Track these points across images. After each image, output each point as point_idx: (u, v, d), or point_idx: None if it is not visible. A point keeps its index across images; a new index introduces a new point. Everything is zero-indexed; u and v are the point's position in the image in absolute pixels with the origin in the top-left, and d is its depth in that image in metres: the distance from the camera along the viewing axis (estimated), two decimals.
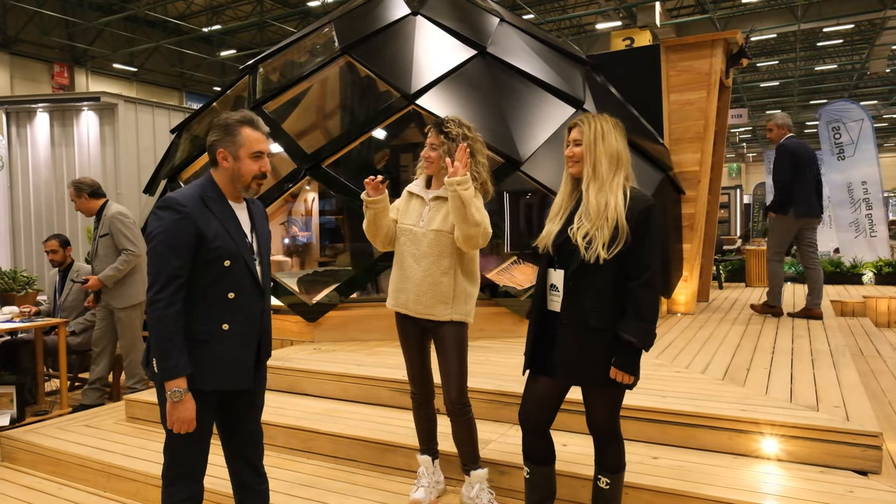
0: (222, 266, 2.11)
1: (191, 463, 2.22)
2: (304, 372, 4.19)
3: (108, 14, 20.00)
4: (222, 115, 2.20)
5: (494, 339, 4.90)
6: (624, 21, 19.07)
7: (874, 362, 5.13)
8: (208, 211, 2.12)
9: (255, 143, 2.17)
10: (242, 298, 2.16)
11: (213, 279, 2.11)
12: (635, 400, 3.14)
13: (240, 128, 2.16)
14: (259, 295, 2.23)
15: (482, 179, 2.69)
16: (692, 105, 6.34)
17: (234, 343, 2.15)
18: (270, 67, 6.17)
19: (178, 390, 2.04)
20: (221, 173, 2.19)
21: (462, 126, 2.71)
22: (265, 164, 2.20)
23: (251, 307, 2.20)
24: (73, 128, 8.43)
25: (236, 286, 2.14)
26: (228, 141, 2.15)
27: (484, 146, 2.78)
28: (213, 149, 2.17)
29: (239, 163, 2.16)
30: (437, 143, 2.69)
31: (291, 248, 8.44)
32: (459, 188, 2.49)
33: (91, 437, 3.89)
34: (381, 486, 3.13)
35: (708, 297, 7.42)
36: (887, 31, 19.38)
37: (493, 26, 5.81)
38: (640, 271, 2.18)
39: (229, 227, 2.15)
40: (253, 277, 2.19)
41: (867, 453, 2.76)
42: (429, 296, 2.67)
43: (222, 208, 2.17)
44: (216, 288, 2.11)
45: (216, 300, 2.12)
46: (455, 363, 2.70)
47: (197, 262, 2.08)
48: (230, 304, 2.13)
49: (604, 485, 2.37)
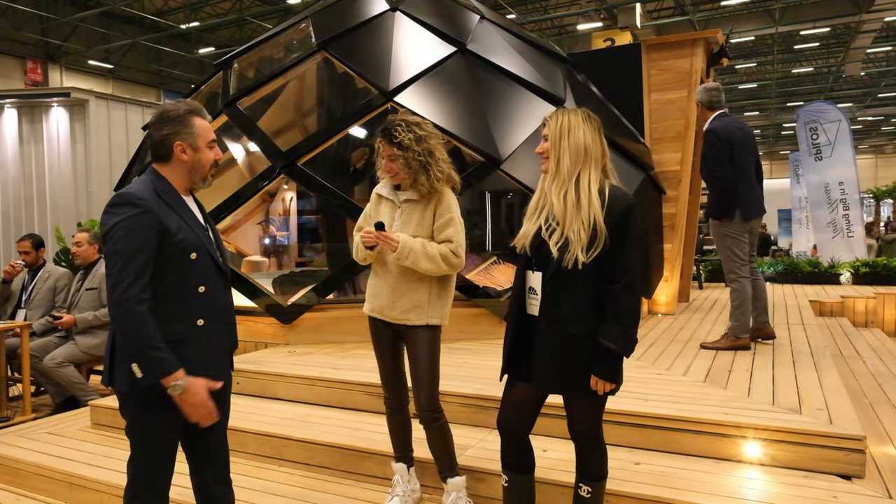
0: (188, 259, 2.02)
1: (157, 477, 2.10)
2: (277, 376, 4.07)
3: (83, 10, 19.61)
4: (166, 108, 2.09)
5: (473, 340, 4.81)
6: (605, 22, 19.15)
7: (854, 363, 5.13)
8: (165, 204, 2.01)
9: (209, 131, 2.12)
10: (212, 291, 2.08)
11: (181, 274, 2.01)
12: (617, 404, 3.07)
13: (192, 118, 2.07)
14: (226, 286, 2.18)
15: (446, 175, 2.61)
16: (673, 104, 6.31)
17: (210, 337, 2.08)
18: (246, 63, 6.02)
19: (177, 383, 1.91)
20: (176, 166, 2.08)
21: (411, 129, 2.55)
22: (218, 151, 2.16)
23: (221, 299, 2.14)
24: (42, 124, 8.20)
25: (205, 279, 2.06)
26: (185, 133, 2.06)
27: (440, 141, 2.66)
28: (169, 143, 2.05)
29: (199, 153, 2.08)
30: (394, 154, 2.56)
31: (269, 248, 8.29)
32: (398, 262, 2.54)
33: (53, 444, 3.74)
34: (355, 494, 3.02)
35: (689, 297, 7.42)
36: (862, 34, 19.67)
37: (474, 23, 5.73)
38: (620, 274, 2.09)
39: (188, 220, 2.06)
40: (218, 268, 2.13)
41: (851, 457, 2.71)
42: (404, 300, 2.60)
43: (177, 202, 2.06)
44: (185, 283, 2.02)
45: (187, 296, 2.02)
46: (426, 369, 2.61)
47: (161, 258, 1.96)
48: (201, 297, 2.05)
49: (585, 493, 2.28)
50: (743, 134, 4.46)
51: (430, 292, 2.62)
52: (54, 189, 8.37)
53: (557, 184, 2.17)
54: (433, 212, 2.61)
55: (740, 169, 4.41)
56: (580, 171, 2.15)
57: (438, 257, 2.54)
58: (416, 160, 2.53)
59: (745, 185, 4.44)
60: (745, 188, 4.44)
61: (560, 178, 2.17)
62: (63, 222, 8.11)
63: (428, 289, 2.61)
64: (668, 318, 6.08)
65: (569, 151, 2.16)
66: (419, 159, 2.54)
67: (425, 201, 2.62)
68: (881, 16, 17.84)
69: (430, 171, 2.55)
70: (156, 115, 2.10)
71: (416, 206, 2.62)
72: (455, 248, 2.58)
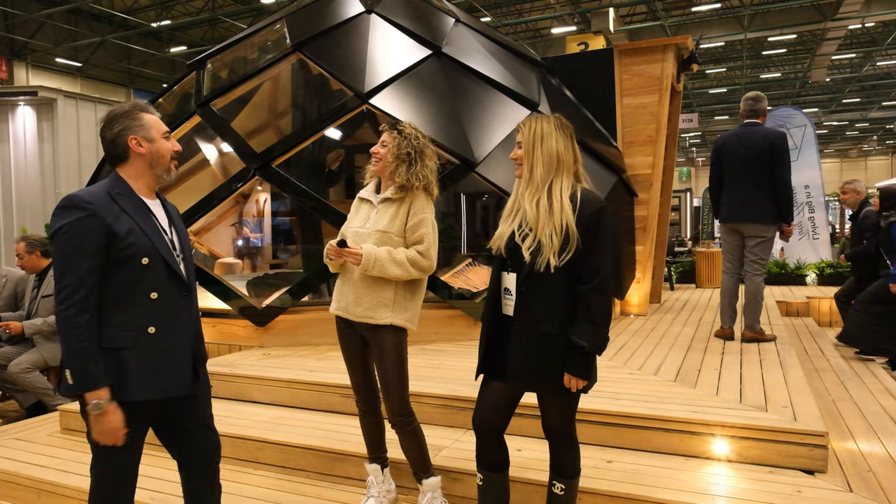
0: (139, 264, 1.95)
1: (119, 483, 2.04)
2: (251, 378, 4.04)
3: (49, 6, 19.19)
4: (112, 108, 2.08)
5: (448, 342, 4.84)
6: (579, 26, 19.34)
7: (818, 361, 5.28)
8: (117, 207, 1.96)
9: (159, 123, 2.09)
10: (166, 298, 2.01)
11: (131, 279, 1.95)
12: (590, 403, 3.12)
13: (139, 112, 2.06)
14: (186, 294, 2.09)
15: (426, 182, 2.66)
16: (645, 109, 6.42)
17: (163, 347, 1.99)
18: (219, 63, 5.97)
19: (98, 402, 1.87)
20: (135, 163, 2.04)
21: (416, 129, 2.72)
22: (175, 143, 2.13)
23: (178, 307, 2.05)
24: (7, 123, 8.03)
25: (157, 285, 1.99)
26: (136, 126, 2.03)
27: (434, 153, 2.76)
28: (122, 139, 2.01)
29: (155, 144, 2.05)
30: (389, 140, 2.66)
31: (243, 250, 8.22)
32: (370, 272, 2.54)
33: (21, 450, 3.66)
34: (331, 496, 3.03)
35: (660, 298, 7.55)
36: (827, 41, 20.20)
37: (449, 27, 5.76)
38: (591, 275, 2.14)
39: (142, 223, 1.99)
40: (175, 276, 2.04)
41: (814, 453, 2.80)
42: (369, 297, 2.59)
43: (133, 204, 2.00)
44: (135, 289, 1.96)
45: (137, 302, 1.96)
46: (394, 373, 2.61)
47: (109, 262, 1.92)
48: (153, 304, 1.98)
49: (559, 490, 2.32)
50: (738, 143, 4.71)
51: (397, 292, 2.61)
52: (20, 189, 8.19)
53: (531, 191, 2.21)
54: (406, 211, 2.64)
55: (728, 176, 4.76)
56: (553, 178, 2.20)
57: (406, 262, 2.56)
58: (405, 150, 2.61)
59: (727, 191, 4.77)
60: (725, 193, 4.79)
61: (533, 186, 2.21)
62: (30, 223, 7.95)
63: (394, 287, 2.61)
64: (640, 318, 6.18)
65: (542, 160, 2.20)
66: (408, 150, 2.62)
67: (400, 202, 2.65)
68: (845, 24, 18.34)
69: (412, 168, 2.61)
70: (104, 118, 2.07)
71: (392, 205, 2.65)
72: (425, 250, 2.59)
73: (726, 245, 4.91)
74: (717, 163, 4.83)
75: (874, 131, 39.12)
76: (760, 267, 4.72)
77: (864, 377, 4.73)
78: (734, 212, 4.74)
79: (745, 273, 4.79)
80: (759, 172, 4.63)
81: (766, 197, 4.63)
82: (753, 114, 4.77)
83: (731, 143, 4.74)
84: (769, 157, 4.61)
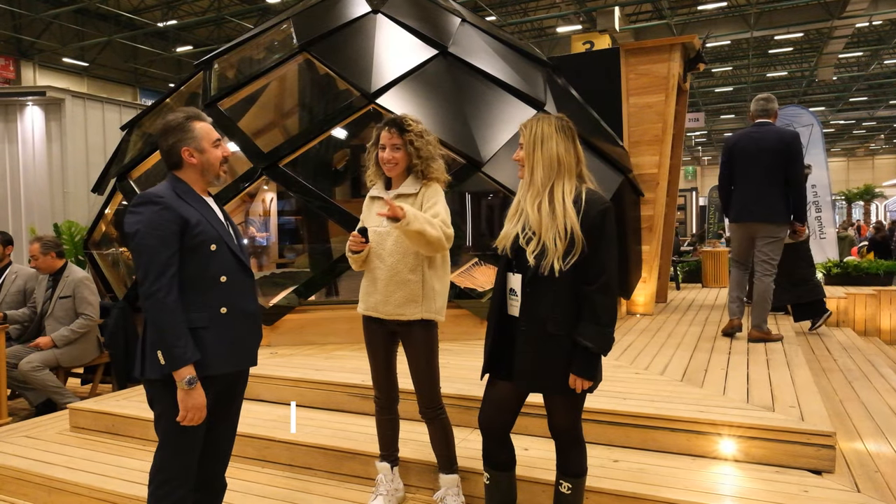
0: (208, 251, 2.15)
1: (185, 463, 2.19)
2: (259, 377, 4.06)
3: (56, 6, 19.28)
4: (167, 119, 2.23)
5: (455, 341, 4.85)
6: (584, 25, 19.32)
7: (825, 361, 5.26)
8: (184, 201, 2.16)
9: (210, 131, 2.25)
10: (234, 281, 2.21)
11: (203, 265, 2.14)
12: (596, 402, 3.13)
13: (192, 123, 2.22)
14: (248, 278, 2.28)
15: (440, 171, 2.68)
16: (651, 108, 6.41)
17: (235, 324, 2.19)
18: (226, 64, 6.00)
19: (191, 377, 2.04)
20: (189, 171, 2.23)
21: (419, 122, 2.70)
22: (225, 148, 2.30)
23: (244, 288, 2.25)
24: (16, 123, 8.07)
25: (225, 269, 2.19)
26: (189, 138, 2.20)
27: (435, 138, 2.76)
28: (176, 150, 2.20)
29: (206, 154, 2.23)
30: (401, 142, 2.62)
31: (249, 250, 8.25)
32: (408, 227, 2.42)
33: (31, 448, 3.69)
34: (339, 494, 3.04)
35: (666, 297, 7.54)
36: (834, 40, 20.10)
37: (455, 26, 5.77)
38: (596, 275, 2.14)
39: (207, 215, 2.20)
40: (239, 260, 2.24)
41: (821, 453, 2.80)
42: (398, 295, 2.61)
43: (195, 199, 2.21)
44: (207, 273, 2.15)
45: (209, 285, 2.15)
46: (426, 366, 2.65)
47: (183, 250, 2.11)
48: (223, 287, 2.18)
49: (565, 490, 2.33)
50: (751, 142, 4.70)
51: (424, 285, 2.63)
52: (29, 189, 8.24)
53: (532, 194, 2.22)
54: (420, 203, 2.64)
55: (739, 176, 4.74)
56: (554, 181, 2.20)
57: (438, 224, 2.54)
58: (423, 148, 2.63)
59: (737, 191, 4.78)
60: (735, 193, 4.81)
61: (534, 189, 2.21)
62: (38, 223, 7.99)
63: (421, 282, 2.62)
64: (647, 318, 6.18)
65: (542, 163, 2.20)
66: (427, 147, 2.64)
67: (413, 197, 2.65)
68: (852, 22, 18.27)
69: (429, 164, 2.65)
70: (159, 128, 2.25)
71: (406, 200, 2.64)
72: (443, 221, 2.59)
73: (736, 242, 4.97)
74: (729, 162, 4.82)
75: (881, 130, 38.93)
76: (770, 267, 4.71)
77: (871, 377, 4.72)
78: (746, 211, 4.74)
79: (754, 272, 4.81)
80: (772, 172, 4.61)
81: (779, 197, 4.62)
82: (765, 114, 4.77)
83: (744, 143, 4.72)
84: (784, 158, 4.60)
